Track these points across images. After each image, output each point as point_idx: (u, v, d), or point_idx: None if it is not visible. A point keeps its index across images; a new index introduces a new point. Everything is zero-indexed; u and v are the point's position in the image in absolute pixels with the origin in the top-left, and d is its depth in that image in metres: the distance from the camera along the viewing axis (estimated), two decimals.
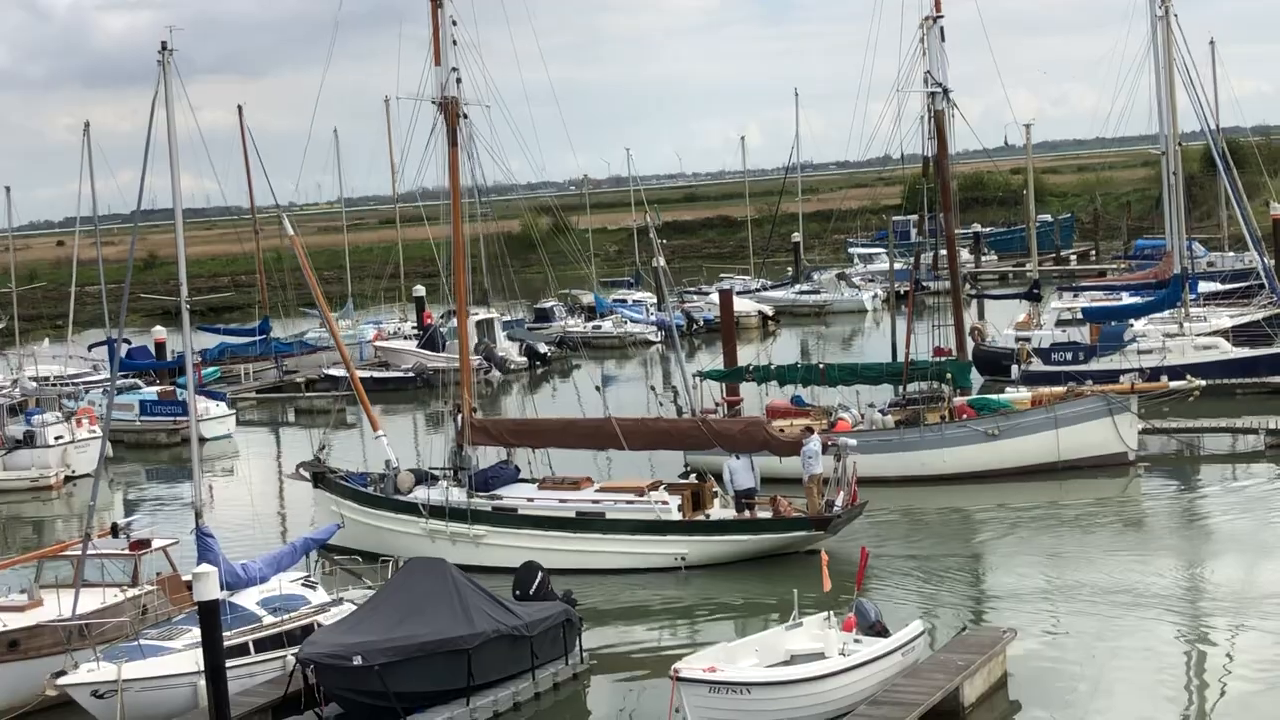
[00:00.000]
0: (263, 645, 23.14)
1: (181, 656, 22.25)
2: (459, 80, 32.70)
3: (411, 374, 62.34)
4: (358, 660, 20.80)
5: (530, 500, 31.64)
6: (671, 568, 29.84)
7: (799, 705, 20.30)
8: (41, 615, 24.23)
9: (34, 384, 52.38)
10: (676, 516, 30.38)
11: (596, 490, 31.67)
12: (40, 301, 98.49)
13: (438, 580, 22.72)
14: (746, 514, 30.60)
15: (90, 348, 70.75)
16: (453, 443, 33.67)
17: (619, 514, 30.53)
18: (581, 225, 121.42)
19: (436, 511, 31.32)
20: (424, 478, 33.03)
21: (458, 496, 31.64)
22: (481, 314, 69.36)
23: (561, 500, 31.32)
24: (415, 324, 72.97)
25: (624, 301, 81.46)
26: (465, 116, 33.13)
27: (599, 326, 75.81)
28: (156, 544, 26.86)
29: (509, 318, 76.52)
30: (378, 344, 69.90)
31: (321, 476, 33.90)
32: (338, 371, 62.23)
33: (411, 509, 31.68)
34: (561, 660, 23.66)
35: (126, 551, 26.23)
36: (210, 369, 64.54)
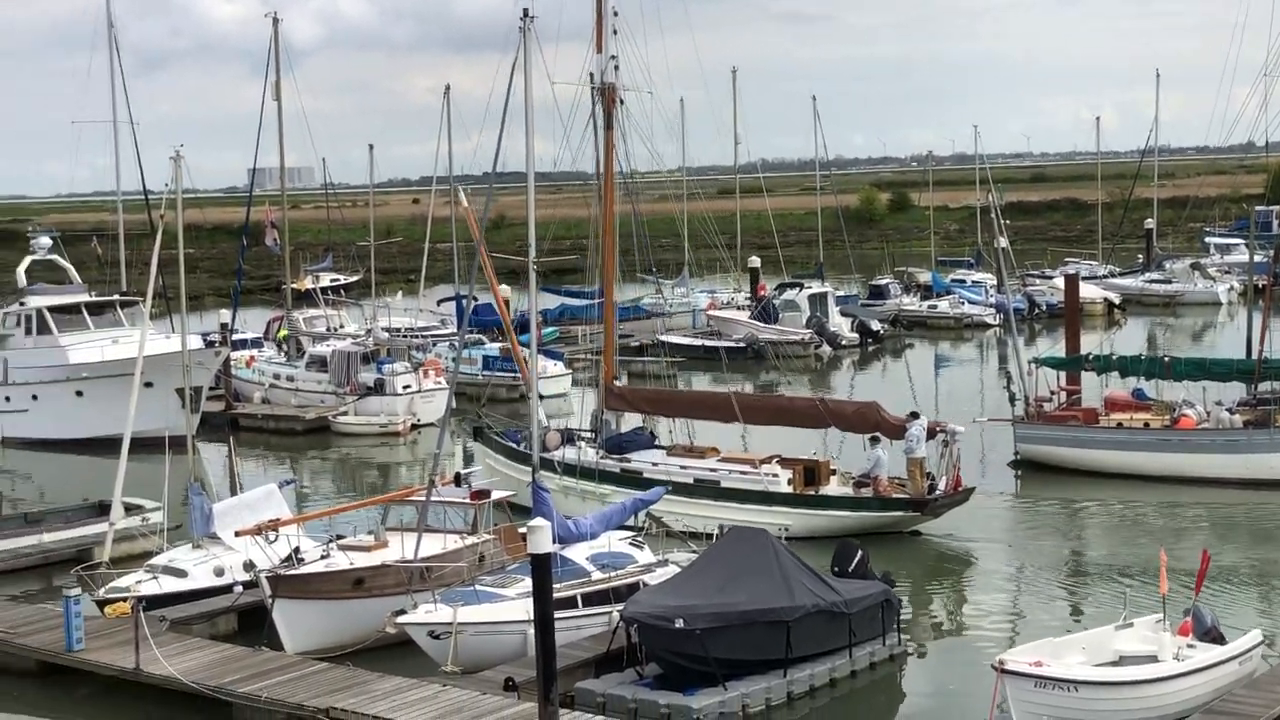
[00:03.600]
0: (590, 600, 23.75)
1: (513, 605, 23.04)
2: (616, 67, 34.14)
3: (743, 344, 62.76)
4: (680, 623, 21.11)
5: (655, 465, 33.26)
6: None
7: (1129, 708, 19.66)
8: (386, 556, 25.47)
9: (386, 334, 54.84)
10: (785, 489, 31.57)
11: (718, 460, 33.11)
12: (395, 256, 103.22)
13: (760, 550, 22.89)
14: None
15: (439, 303, 73.79)
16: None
17: (733, 483, 32.08)
18: (922, 202, 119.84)
19: (570, 469, 32.94)
20: (571, 438, 34.80)
21: (593, 457, 33.39)
22: (815, 288, 69.32)
23: (683, 467, 32.97)
24: (749, 294, 73.33)
25: (962, 282, 79.94)
26: (622, 102, 34.61)
27: (935, 306, 74.63)
28: (496, 495, 27.92)
29: (843, 293, 76.15)
30: (711, 313, 70.58)
31: (480, 431, 36.81)
32: (673, 338, 63.24)
33: (549, 466, 33.06)
34: (879, 640, 23.49)
35: (468, 500, 27.36)
36: (549, 329, 66.43)
